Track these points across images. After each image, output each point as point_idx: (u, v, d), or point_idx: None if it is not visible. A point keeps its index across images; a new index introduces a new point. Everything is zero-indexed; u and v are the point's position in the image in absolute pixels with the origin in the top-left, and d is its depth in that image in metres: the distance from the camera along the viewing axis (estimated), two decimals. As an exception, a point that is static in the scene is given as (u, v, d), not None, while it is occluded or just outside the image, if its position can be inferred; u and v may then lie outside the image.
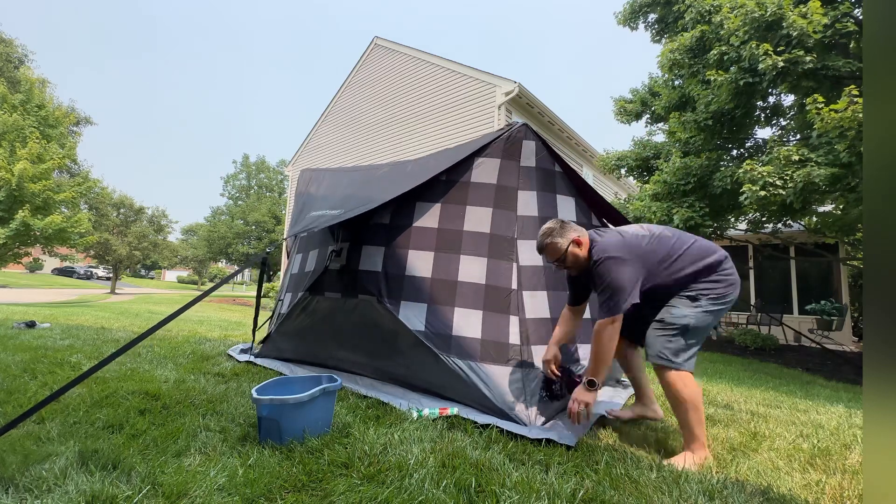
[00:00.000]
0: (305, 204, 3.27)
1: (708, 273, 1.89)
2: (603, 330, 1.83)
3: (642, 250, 1.89)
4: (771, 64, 5.74)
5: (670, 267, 1.89)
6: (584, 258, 1.95)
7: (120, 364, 2.92)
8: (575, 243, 1.94)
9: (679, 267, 1.89)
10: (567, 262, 1.97)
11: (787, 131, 8.10)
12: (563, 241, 1.95)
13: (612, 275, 1.81)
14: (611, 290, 1.81)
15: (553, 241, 1.96)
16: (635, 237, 1.95)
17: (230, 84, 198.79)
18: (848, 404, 3.46)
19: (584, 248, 1.95)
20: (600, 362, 1.86)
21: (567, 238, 1.94)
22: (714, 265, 1.90)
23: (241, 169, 40.37)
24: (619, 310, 1.80)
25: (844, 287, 9.86)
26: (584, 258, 1.95)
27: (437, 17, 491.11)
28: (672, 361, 1.82)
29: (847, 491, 1.58)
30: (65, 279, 33.41)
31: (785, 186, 5.71)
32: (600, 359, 1.86)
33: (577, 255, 1.95)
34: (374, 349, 2.72)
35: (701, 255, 1.92)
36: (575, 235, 1.95)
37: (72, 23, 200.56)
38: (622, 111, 10.61)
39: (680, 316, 1.85)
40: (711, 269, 1.89)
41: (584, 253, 1.95)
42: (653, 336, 1.90)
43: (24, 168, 12.05)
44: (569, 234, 1.95)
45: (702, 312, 1.85)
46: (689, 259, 1.90)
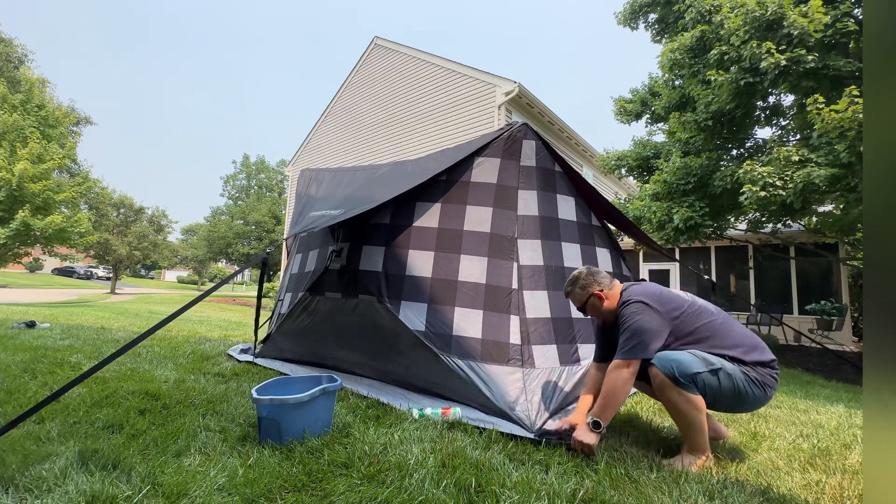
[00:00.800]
0: (306, 204, 3.28)
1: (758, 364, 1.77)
2: (617, 372, 1.75)
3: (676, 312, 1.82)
4: (773, 63, 5.73)
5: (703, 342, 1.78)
6: (607, 310, 1.97)
7: (120, 364, 2.92)
8: (597, 297, 1.98)
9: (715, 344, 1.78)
10: (588, 312, 2.04)
11: (787, 131, 8.10)
12: (584, 293, 2.00)
13: (637, 317, 1.79)
14: (632, 331, 1.78)
15: (574, 291, 2.04)
16: (674, 296, 1.90)
17: (230, 84, 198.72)
18: (848, 404, 3.46)
19: (608, 302, 1.96)
20: (609, 405, 1.76)
21: (588, 291, 1.99)
22: (768, 362, 1.78)
23: (241, 169, 40.39)
24: (637, 354, 1.75)
25: (844, 287, 9.86)
26: (607, 310, 1.97)
27: (437, 18, 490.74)
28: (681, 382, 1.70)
29: (847, 491, 1.58)
30: (65, 279, 33.42)
31: (785, 187, 5.71)
32: (609, 402, 1.75)
33: (597, 307, 1.99)
34: (375, 349, 2.72)
35: (752, 344, 1.80)
36: (597, 290, 1.98)
37: (72, 22, 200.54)
38: (622, 111, 10.60)
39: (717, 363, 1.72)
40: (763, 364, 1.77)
41: (609, 305, 1.96)
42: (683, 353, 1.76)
43: (24, 168, 12.06)
44: (592, 288, 1.99)
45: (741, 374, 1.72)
46: (732, 341, 1.79)
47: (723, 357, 1.76)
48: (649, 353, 1.75)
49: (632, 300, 1.85)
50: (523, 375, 2.17)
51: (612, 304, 1.96)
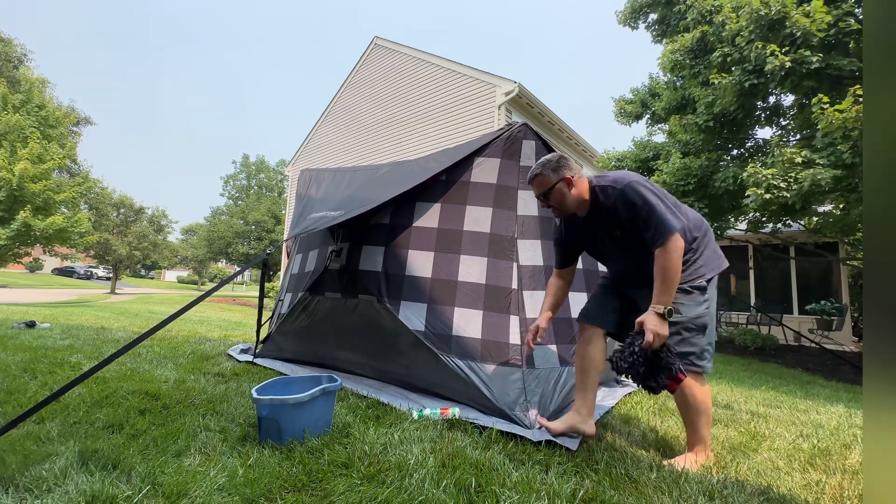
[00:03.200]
0: (306, 205, 3.27)
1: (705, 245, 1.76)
2: (669, 251, 1.56)
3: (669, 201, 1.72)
4: (779, 64, 5.73)
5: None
6: (573, 200, 1.79)
7: (120, 364, 2.92)
8: (566, 182, 1.78)
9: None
10: (551, 200, 1.82)
11: (788, 131, 8.10)
12: (555, 176, 1.78)
13: (644, 196, 1.63)
14: (650, 209, 1.61)
15: (543, 174, 1.81)
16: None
17: (230, 84, 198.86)
18: (848, 404, 3.46)
19: (576, 190, 1.78)
20: (671, 283, 1.57)
21: (559, 174, 1.78)
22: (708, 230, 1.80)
23: (240, 169, 40.36)
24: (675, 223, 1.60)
25: (844, 287, 9.86)
26: (573, 200, 1.79)
27: (437, 18, 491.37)
28: (697, 366, 1.70)
29: (847, 491, 1.58)
30: (65, 279, 33.41)
31: (789, 189, 5.71)
32: (671, 279, 1.57)
33: (563, 194, 1.79)
34: (375, 349, 2.72)
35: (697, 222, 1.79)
36: (568, 174, 1.78)
37: (72, 22, 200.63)
38: (622, 112, 10.61)
39: (695, 316, 1.70)
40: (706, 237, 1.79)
41: (576, 194, 1.78)
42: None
43: (24, 168, 12.06)
44: (562, 171, 1.78)
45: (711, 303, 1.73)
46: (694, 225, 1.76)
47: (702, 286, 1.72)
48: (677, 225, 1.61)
49: (625, 183, 1.68)
50: (523, 375, 2.17)
51: (579, 193, 1.79)
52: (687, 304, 1.70)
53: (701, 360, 1.72)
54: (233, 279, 2.74)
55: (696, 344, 1.72)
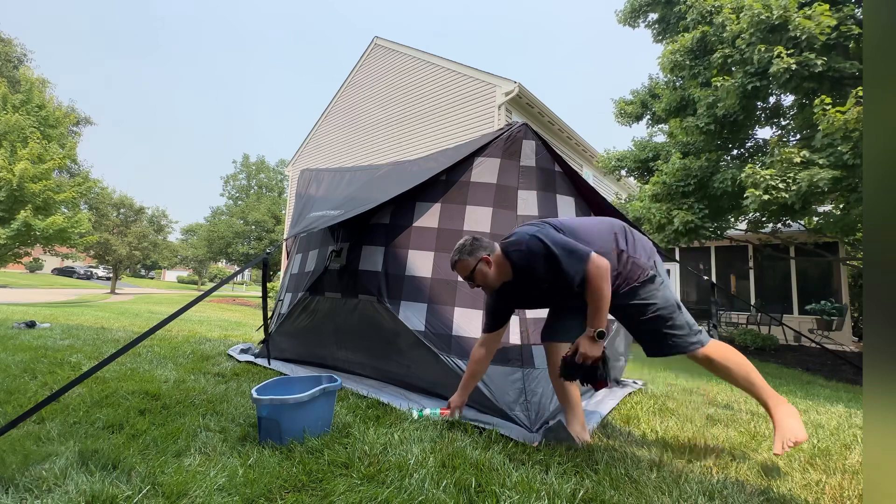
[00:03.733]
0: (306, 204, 3.28)
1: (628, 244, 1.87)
2: (593, 273, 1.64)
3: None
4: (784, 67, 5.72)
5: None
6: (495, 275, 1.86)
7: (120, 364, 2.92)
8: (484, 262, 1.85)
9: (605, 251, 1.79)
10: (476, 281, 1.88)
11: (788, 131, 8.10)
12: (472, 259, 1.86)
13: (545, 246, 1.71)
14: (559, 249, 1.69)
15: (461, 259, 1.88)
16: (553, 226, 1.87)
17: (230, 84, 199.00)
18: (848, 404, 3.46)
19: (494, 266, 1.86)
20: (599, 308, 1.67)
21: (475, 256, 1.85)
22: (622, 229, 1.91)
23: (240, 169, 40.36)
24: (586, 250, 1.68)
25: (844, 287, 9.86)
26: (495, 275, 1.86)
27: (437, 18, 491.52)
28: (694, 342, 1.77)
29: (847, 491, 1.58)
30: (65, 279, 33.41)
31: (788, 189, 5.71)
32: (598, 304, 1.66)
33: (485, 273, 1.86)
34: (375, 349, 2.72)
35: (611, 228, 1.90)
36: (484, 254, 1.85)
37: (72, 22, 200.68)
38: (622, 113, 10.61)
39: (664, 300, 1.78)
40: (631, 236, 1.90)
41: (496, 270, 1.86)
42: (649, 329, 1.80)
43: (24, 168, 12.06)
44: (478, 253, 1.86)
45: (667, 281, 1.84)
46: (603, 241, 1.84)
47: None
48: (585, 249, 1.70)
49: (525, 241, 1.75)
50: (523, 376, 2.17)
51: (498, 267, 1.85)
52: (654, 292, 1.79)
53: (693, 335, 1.78)
54: (232, 279, 2.74)
55: (681, 323, 1.79)
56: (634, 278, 1.79)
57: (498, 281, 1.88)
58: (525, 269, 1.80)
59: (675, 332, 1.78)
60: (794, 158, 5.75)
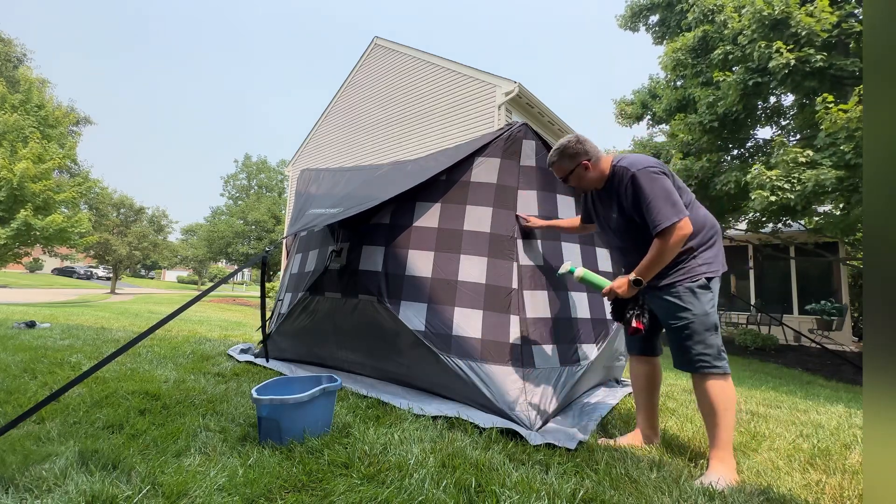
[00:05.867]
0: (305, 203, 3.27)
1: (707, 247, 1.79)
2: (669, 235, 1.63)
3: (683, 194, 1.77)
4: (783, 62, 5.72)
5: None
6: (592, 178, 1.88)
7: (120, 364, 2.92)
8: (582, 167, 1.87)
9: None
10: (570, 182, 1.95)
11: (788, 131, 8.10)
12: (571, 164, 1.89)
13: (649, 185, 1.69)
14: (658, 197, 1.66)
15: (559, 163, 1.92)
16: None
17: (230, 84, 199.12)
18: (848, 404, 3.46)
19: (593, 171, 1.87)
20: (656, 263, 1.68)
21: (575, 161, 1.88)
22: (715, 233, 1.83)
23: (241, 169, 40.36)
24: (683, 210, 1.65)
25: (844, 287, 9.86)
26: (592, 178, 1.88)
27: (437, 18, 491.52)
28: (715, 366, 1.69)
29: (847, 491, 1.58)
30: (65, 279, 33.41)
31: (793, 189, 5.70)
32: (657, 259, 1.68)
33: (581, 177, 1.90)
34: (375, 349, 2.72)
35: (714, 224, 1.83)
36: (584, 160, 1.86)
37: (71, 21, 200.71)
38: (623, 114, 10.62)
39: (703, 314, 1.71)
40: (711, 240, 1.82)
41: (595, 174, 1.87)
42: (680, 339, 1.75)
43: (24, 168, 12.07)
44: (579, 158, 1.87)
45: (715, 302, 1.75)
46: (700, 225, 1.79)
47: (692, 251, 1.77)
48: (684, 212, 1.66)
49: (634, 172, 1.73)
50: (523, 375, 2.17)
51: (598, 172, 1.87)
52: (695, 302, 1.73)
53: (719, 360, 1.71)
54: (231, 277, 2.74)
55: (713, 344, 1.71)
56: (690, 275, 1.75)
57: (591, 186, 1.93)
58: (615, 189, 1.82)
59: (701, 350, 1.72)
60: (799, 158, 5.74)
